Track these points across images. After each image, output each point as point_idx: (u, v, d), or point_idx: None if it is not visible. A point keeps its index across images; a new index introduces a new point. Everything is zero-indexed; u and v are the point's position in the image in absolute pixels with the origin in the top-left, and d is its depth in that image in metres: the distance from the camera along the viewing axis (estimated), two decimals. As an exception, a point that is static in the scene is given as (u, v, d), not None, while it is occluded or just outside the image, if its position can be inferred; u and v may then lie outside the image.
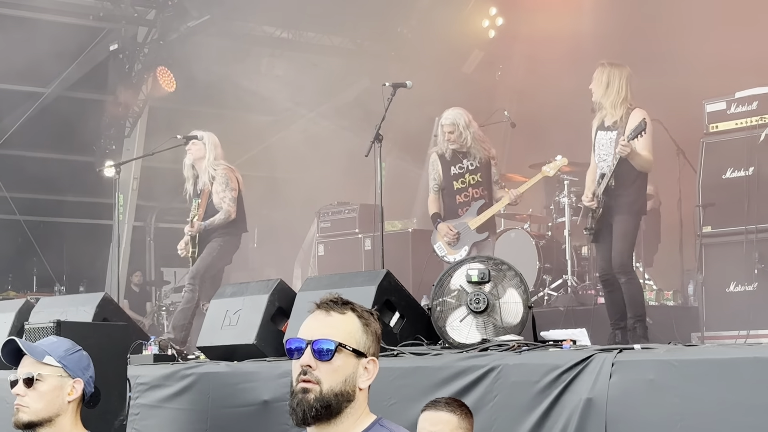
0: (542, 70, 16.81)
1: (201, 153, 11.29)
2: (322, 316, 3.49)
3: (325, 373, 3.41)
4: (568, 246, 12.40)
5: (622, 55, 15.21)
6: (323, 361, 3.42)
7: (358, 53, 19.43)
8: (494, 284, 7.06)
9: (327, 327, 3.46)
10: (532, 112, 15.45)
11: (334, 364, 3.43)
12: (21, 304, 9.77)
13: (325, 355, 3.42)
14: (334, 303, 3.51)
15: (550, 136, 13.38)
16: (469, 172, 10.56)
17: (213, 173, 11.22)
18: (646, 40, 15.05)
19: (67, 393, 4.74)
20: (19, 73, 17.55)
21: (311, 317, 3.51)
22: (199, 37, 18.02)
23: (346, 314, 3.50)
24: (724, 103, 10.64)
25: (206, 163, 11.25)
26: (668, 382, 5.53)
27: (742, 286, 10.22)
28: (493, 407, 6.20)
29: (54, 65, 17.98)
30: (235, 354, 8.10)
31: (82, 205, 19.23)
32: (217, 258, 11.23)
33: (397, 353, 7.12)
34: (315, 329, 3.46)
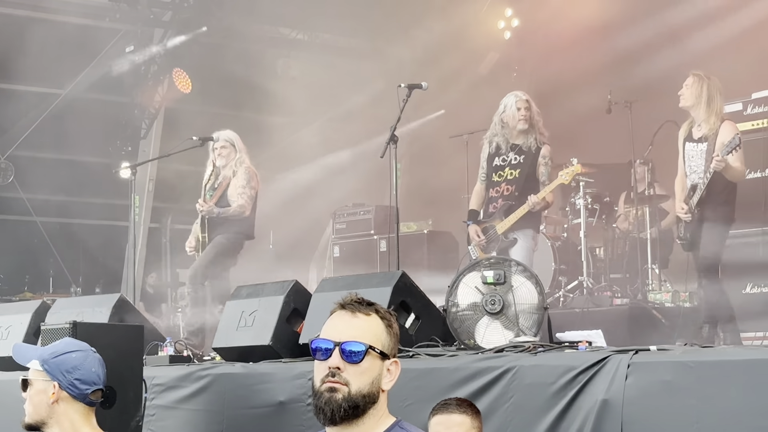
0: (557, 71, 16.79)
1: (231, 153, 11.31)
2: (347, 317, 3.46)
3: (353, 375, 3.39)
4: (584, 247, 12.38)
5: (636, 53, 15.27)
6: (352, 363, 3.39)
7: (373, 55, 19.42)
8: (510, 286, 7.05)
9: (355, 328, 3.44)
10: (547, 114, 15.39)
11: (363, 366, 3.41)
12: (37, 305, 9.79)
13: (355, 357, 3.40)
14: (359, 304, 3.48)
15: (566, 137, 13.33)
16: (510, 166, 10.45)
17: (236, 169, 11.25)
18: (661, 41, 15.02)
19: (50, 396, 4.75)
20: (35, 75, 17.59)
21: (336, 317, 3.48)
22: (215, 39, 18.04)
23: (371, 315, 3.48)
24: (741, 104, 10.63)
25: (233, 162, 11.28)
26: (685, 384, 5.52)
27: (759, 288, 10.20)
28: (509, 409, 6.19)
29: (70, 66, 18.02)
30: (250, 355, 8.10)
31: (98, 207, 19.25)
32: (221, 255, 11.16)
33: (412, 354, 7.12)
34: (343, 330, 3.43)
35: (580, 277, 12.30)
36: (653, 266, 12.19)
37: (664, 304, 11.44)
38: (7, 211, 18.85)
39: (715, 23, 14.51)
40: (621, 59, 15.47)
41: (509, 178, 10.40)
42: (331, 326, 3.46)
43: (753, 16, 14.34)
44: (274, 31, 18.88)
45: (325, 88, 19.09)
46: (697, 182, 9.34)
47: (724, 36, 14.41)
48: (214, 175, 11.45)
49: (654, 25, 15.41)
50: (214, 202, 11.16)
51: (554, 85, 16.77)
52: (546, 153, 10.37)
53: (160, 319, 17.49)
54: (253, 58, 18.57)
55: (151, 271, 19.59)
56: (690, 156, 9.46)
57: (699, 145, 9.37)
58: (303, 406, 7.26)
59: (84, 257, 19.49)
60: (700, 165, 9.34)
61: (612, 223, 13.12)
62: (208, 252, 11.14)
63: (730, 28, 14.47)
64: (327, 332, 3.44)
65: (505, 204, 10.39)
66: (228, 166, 11.33)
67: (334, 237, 15.93)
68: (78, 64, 18.13)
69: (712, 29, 14.49)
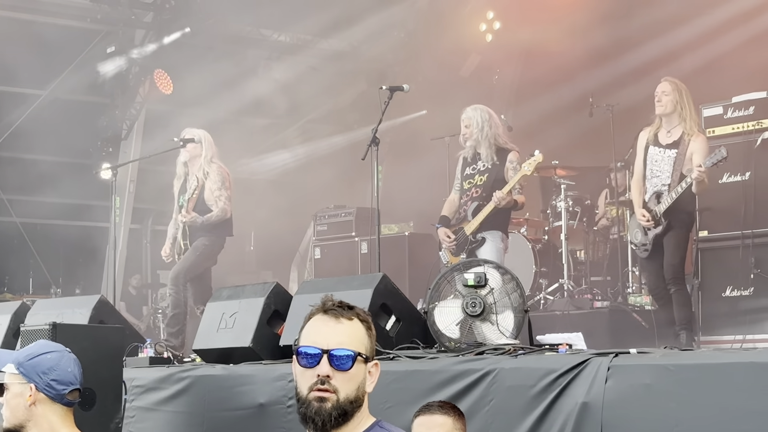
0: (539, 74, 16.83)
1: (197, 151, 11.31)
2: (332, 322, 3.44)
3: (341, 382, 3.38)
4: (565, 250, 12.41)
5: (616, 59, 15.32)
6: (341, 371, 3.38)
7: (355, 57, 19.42)
8: (491, 288, 7.06)
9: (341, 335, 3.42)
10: (528, 116, 15.47)
11: (351, 372, 3.40)
12: (17, 306, 9.77)
13: (344, 365, 3.39)
14: (342, 308, 3.46)
15: (546, 139, 13.38)
16: (479, 173, 10.44)
17: (207, 170, 11.22)
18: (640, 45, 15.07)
19: (27, 398, 4.74)
20: (16, 75, 17.54)
21: (320, 322, 3.45)
22: (197, 40, 18.02)
23: (353, 320, 3.46)
24: (721, 107, 10.64)
25: (201, 160, 11.25)
26: (664, 387, 5.54)
27: (738, 291, 10.22)
28: (489, 411, 6.20)
29: (51, 68, 17.97)
30: (231, 357, 8.10)
31: (78, 208, 19.18)
32: (201, 258, 11.19)
33: (393, 357, 7.13)
34: (330, 337, 3.41)
35: (561, 280, 12.33)
36: (633, 269, 12.22)
37: (644, 307, 11.47)
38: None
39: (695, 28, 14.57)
40: (602, 63, 15.52)
41: (478, 184, 10.41)
42: (315, 331, 3.43)
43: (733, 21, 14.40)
44: (256, 32, 18.85)
45: (306, 90, 19.09)
46: (662, 189, 9.37)
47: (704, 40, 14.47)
48: (182, 176, 11.43)
49: (634, 28, 15.47)
50: (192, 207, 11.13)
51: (535, 87, 16.83)
52: (513, 158, 10.35)
53: (141, 321, 17.47)
54: (235, 60, 18.55)
55: (132, 272, 19.55)
56: (654, 160, 9.48)
57: (667, 151, 9.40)
58: (283, 408, 7.26)
59: (64, 258, 19.44)
60: (665, 171, 9.36)
61: (593, 226, 13.16)
62: (189, 255, 11.14)
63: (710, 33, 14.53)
64: (312, 338, 3.42)
65: (473, 204, 10.38)
66: (195, 165, 11.29)
67: (315, 239, 15.93)
68: (58, 65, 18.08)
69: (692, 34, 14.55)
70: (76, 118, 18.71)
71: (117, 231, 17.28)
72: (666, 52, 14.47)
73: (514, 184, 10.16)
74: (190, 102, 18.14)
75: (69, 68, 18.32)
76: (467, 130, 10.46)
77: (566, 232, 12.52)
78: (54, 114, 18.27)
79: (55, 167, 18.64)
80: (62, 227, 19.39)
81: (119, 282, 16.76)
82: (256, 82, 18.90)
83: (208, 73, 17.85)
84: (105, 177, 16.81)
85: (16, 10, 17.45)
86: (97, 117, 19.33)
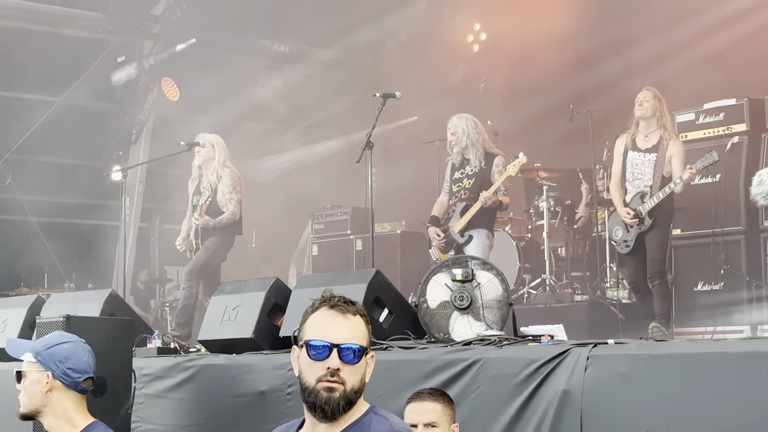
0: (522, 82, 16.84)
1: (211, 155, 11.32)
2: (340, 318, 3.45)
3: (349, 374, 3.40)
4: (547, 247, 12.42)
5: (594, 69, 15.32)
6: (349, 364, 3.41)
7: (350, 66, 19.42)
8: (477, 283, 7.06)
9: (349, 330, 3.44)
10: (513, 122, 15.47)
11: (357, 365, 3.43)
12: (33, 299, 9.74)
13: (352, 358, 3.41)
14: (347, 304, 3.48)
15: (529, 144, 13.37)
16: (467, 177, 10.43)
17: (220, 173, 11.24)
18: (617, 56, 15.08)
19: (44, 385, 4.75)
20: (32, 83, 17.52)
21: (327, 317, 3.45)
22: (202, 50, 18.02)
23: (357, 316, 3.48)
24: (693, 114, 10.68)
25: (215, 164, 11.27)
26: (640, 375, 5.54)
27: (709, 286, 10.25)
28: (476, 398, 6.20)
29: (65, 75, 17.96)
30: (234, 347, 8.09)
31: (91, 207, 19.17)
32: (213, 255, 11.23)
33: (385, 347, 7.12)
34: (338, 332, 3.42)
35: (543, 275, 12.34)
36: (611, 265, 12.24)
37: (621, 300, 11.49)
38: (5, 211, 18.76)
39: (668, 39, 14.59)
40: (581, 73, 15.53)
41: (466, 187, 10.39)
42: (322, 326, 3.44)
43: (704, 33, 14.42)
44: (257, 43, 18.86)
45: (304, 97, 19.10)
46: (645, 190, 9.39)
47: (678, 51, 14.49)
48: (197, 178, 11.45)
49: (611, 40, 15.48)
50: (204, 211, 11.16)
51: (519, 95, 16.83)
52: (499, 162, 10.33)
53: (149, 314, 17.45)
54: (237, 69, 18.55)
55: (141, 268, 19.54)
56: (635, 164, 9.51)
57: (647, 155, 9.43)
58: (283, 396, 7.26)
59: (77, 254, 19.41)
60: (647, 173, 9.39)
61: (573, 225, 13.17)
62: (201, 254, 11.19)
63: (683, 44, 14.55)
64: (321, 332, 3.43)
65: (461, 204, 10.36)
66: (210, 168, 11.31)
67: (312, 236, 15.92)
68: (72, 73, 18.07)
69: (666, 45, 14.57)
70: (88, 123, 18.71)
71: (126, 229, 17.25)
72: (641, 62, 14.49)
73: (499, 185, 10.16)
74: (195, 108, 18.13)
75: (82, 76, 18.32)
76: (453, 137, 10.45)
77: (548, 230, 12.53)
78: (68, 119, 18.26)
79: (69, 169, 18.64)
80: (75, 225, 19.39)
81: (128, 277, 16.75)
82: (257, 90, 18.91)
83: (213, 81, 17.83)
84: (115, 178, 16.80)
85: (32, 21, 17.45)
86: (108, 122, 19.33)
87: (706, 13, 14.32)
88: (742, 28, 14.19)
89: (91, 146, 18.97)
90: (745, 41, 14.06)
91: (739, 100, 10.59)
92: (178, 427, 8.03)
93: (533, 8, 16.65)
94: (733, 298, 10.01)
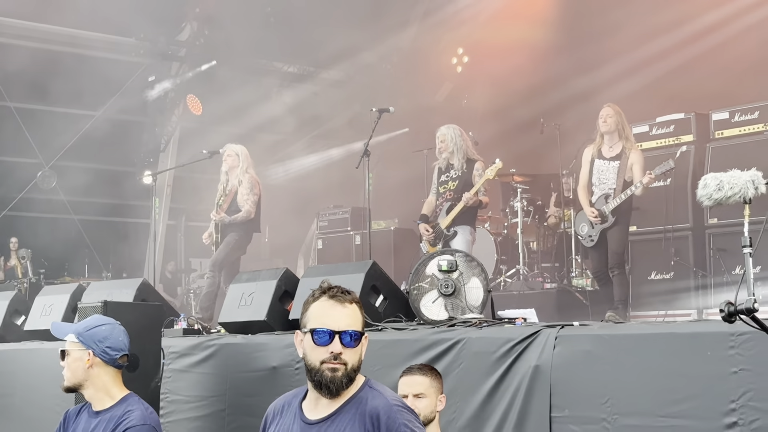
0: (500, 98, 16.84)
1: (235, 163, 11.35)
2: (339, 306, 3.44)
3: (349, 356, 3.41)
4: (521, 242, 12.40)
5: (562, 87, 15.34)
6: (350, 347, 3.41)
7: (350, 84, 19.42)
8: (460, 272, 7.06)
9: (348, 317, 3.44)
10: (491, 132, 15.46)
11: (357, 347, 3.44)
12: (75, 287, 9.75)
13: (353, 343, 3.42)
14: (344, 294, 3.48)
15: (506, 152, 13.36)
16: (451, 180, 10.40)
17: (242, 178, 11.26)
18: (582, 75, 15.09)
19: (86, 362, 4.76)
20: (74, 99, 17.51)
21: (328, 306, 3.45)
22: (222, 70, 18.02)
23: (353, 304, 3.47)
24: (647, 126, 10.68)
25: (238, 170, 11.29)
26: (601, 353, 5.55)
27: (661, 275, 10.25)
28: (459, 373, 6.20)
29: (103, 93, 17.97)
30: (249, 328, 8.09)
31: (125, 207, 19.17)
32: (233, 249, 11.21)
33: (381, 328, 7.12)
34: (339, 320, 3.42)
35: (517, 266, 12.33)
36: (576, 257, 12.23)
37: (584, 288, 11.48)
38: (51, 210, 18.75)
39: (626, 61, 14.61)
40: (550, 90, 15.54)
41: (451, 188, 10.36)
42: (324, 314, 3.44)
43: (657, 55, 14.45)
44: (270, 65, 18.86)
45: (311, 111, 19.10)
46: (609, 192, 9.38)
47: (634, 71, 14.51)
48: (223, 183, 11.47)
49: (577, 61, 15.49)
50: (225, 209, 11.18)
51: (497, 109, 16.82)
52: (479, 167, 10.30)
53: (176, 299, 17.44)
54: (253, 87, 18.55)
55: (169, 260, 19.52)
56: (600, 171, 9.49)
57: (611, 163, 9.41)
58: (291, 371, 7.26)
59: (113, 248, 19.40)
60: (611, 178, 9.37)
61: (543, 222, 13.17)
62: (223, 248, 11.20)
63: (639, 65, 14.57)
64: (324, 321, 3.42)
65: (447, 204, 10.34)
66: (234, 174, 11.34)
67: (317, 232, 15.91)
68: (109, 90, 18.08)
69: (624, 65, 14.59)
70: (123, 134, 18.73)
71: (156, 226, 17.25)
72: (603, 80, 14.49)
73: (479, 187, 10.15)
74: (216, 121, 18.14)
75: (117, 93, 18.32)
76: (442, 144, 10.42)
77: (522, 227, 12.51)
78: (105, 131, 18.27)
79: (106, 174, 18.64)
80: (112, 223, 19.38)
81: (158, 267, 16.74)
82: (269, 105, 18.91)
83: (231, 98, 17.85)
84: (147, 182, 16.81)
85: (74, 46, 17.47)
86: (140, 133, 19.33)
87: (660, 38, 14.36)
88: (690, 52, 14.24)
89: (125, 154, 18.98)
90: (692, 63, 14.10)
91: (687, 114, 10.60)
92: (201, 397, 8.03)
93: (509, 35, 16.68)
94: (682, 286, 10.02)
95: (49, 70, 16.98)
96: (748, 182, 3.81)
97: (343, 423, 3.39)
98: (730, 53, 13.69)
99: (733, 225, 9.41)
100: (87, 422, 4.73)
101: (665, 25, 14.36)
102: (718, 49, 13.84)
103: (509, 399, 5.88)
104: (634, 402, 5.33)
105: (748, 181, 3.81)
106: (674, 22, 14.29)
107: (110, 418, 4.66)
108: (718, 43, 13.89)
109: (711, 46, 13.93)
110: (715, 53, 13.84)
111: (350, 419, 3.39)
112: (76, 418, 4.81)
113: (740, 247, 3.75)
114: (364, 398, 3.43)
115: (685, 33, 14.18)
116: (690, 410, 5.07)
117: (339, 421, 3.40)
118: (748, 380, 4.89)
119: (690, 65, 14.10)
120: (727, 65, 13.64)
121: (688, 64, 14.12)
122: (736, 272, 9.39)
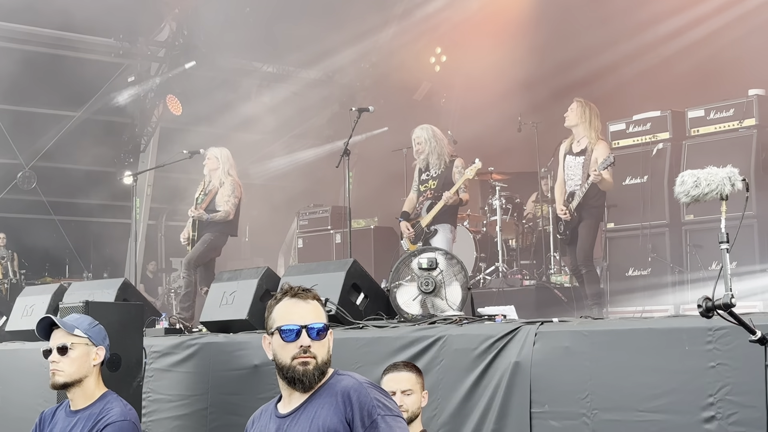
0: (477, 97, 16.87)
1: (215, 165, 11.29)
2: (302, 303, 3.52)
3: (318, 349, 3.46)
4: (500, 239, 12.42)
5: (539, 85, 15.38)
6: (317, 340, 3.46)
7: (330, 84, 19.42)
8: (441, 270, 7.07)
9: (311, 313, 3.50)
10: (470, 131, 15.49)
11: (324, 340, 3.49)
12: (56, 287, 9.71)
13: (320, 335, 3.47)
14: (305, 291, 3.54)
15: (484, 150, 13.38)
16: (432, 179, 10.40)
17: (223, 180, 11.20)
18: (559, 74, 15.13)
19: (93, 358, 4.74)
20: (54, 100, 17.45)
21: (291, 304, 3.52)
22: (201, 71, 17.97)
23: (314, 300, 3.55)
24: (624, 124, 10.69)
25: (219, 172, 11.24)
26: (580, 349, 5.56)
27: (639, 271, 10.27)
28: (440, 369, 6.21)
29: (82, 93, 17.91)
30: (231, 327, 8.07)
31: (105, 207, 19.11)
32: (208, 249, 11.11)
33: (362, 326, 7.12)
34: (304, 315, 3.49)
35: (497, 263, 12.34)
36: (554, 254, 12.26)
37: (563, 284, 11.50)
38: (32, 211, 18.69)
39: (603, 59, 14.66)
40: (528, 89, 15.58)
41: (432, 187, 10.36)
42: (289, 312, 3.51)
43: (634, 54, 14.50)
44: (249, 65, 18.83)
45: (290, 111, 19.07)
46: (575, 189, 9.41)
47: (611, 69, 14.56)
48: (204, 184, 11.43)
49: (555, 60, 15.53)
50: (203, 207, 11.12)
51: (475, 108, 16.85)
52: (459, 164, 10.30)
53: (157, 299, 17.40)
54: (232, 86, 18.52)
55: (150, 260, 19.47)
56: (569, 167, 9.51)
57: (577, 158, 9.43)
58: (273, 369, 7.22)
59: (94, 248, 19.35)
60: (577, 174, 9.39)
61: (522, 220, 13.19)
62: (198, 246, 11.10)
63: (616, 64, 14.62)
64: (290, 318, 3.49)
65: (427, 202, 10.34)
66: (216, 176, 11.28)
67: (298, 231, 15.88)
68: (89, 91, 18.02)
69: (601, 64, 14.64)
70: (103, 134, 18.67)
71: (137, 226, 17.22)
72: (580, 79, 14.54)
73: (459, 186, 10.15)
74: (196, 121, 18.11)
75: (97, 94, 18.26)
76: (419, 146, 10.43)
77: (500, 224, 12.52)
78: (85, 131, 18.22)
79: (86, 174, 18.57)
80: (92, 223, 19.31)
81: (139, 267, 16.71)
82: (249, 105, 18.88)
83: (210, 98, 17.81)
84: (127, 182, 16.77)
85: (56, 47, 17.42)
86: (120, 133, 19.27)
87: (634, 38, 14.42)
88: (665, 51, 14.30)
89: (105, 154, 18.91)
90: (667, 62, 14.16)
91: (663, 112, 10.62)
92: (183, 396, 8.00)
93: (487, 35, 16.71)
94: (659, 282, 10.04)
95: (28, 71, 16.91)
96: (725, 179, 3.83)
97: (315, 407, 3.43)
98: (705, 51, 13.76)
99: (710, 221, 9.43)
100: (64, 421, 4.70)
101: (641, 24, 14.43)
102: (693, 48, 13.91)
103: (490, 395, 5.88)
104: (613, 397, 5.34)
105: (724, 178, 3.83)
106: (650, 21, 14.36)
107: (89, 416, 4.63)
108: (693, 41, 13.97)
109: (686, 45, 14.00)
110: (690, 51, 13.91)
111: (321, 403, 3.43)
112: (53, 419, 4.78)
113: (717, 243, 3.77)
114: (334, 384, 3.47)
115: (660, 31, 14.25)
116: (668, 405, 5.09)
117: (311, 406, 3.45)
118: (725, 374, 4.91)
119: (666, 63, 14.16)
120: (702, 63, 13.71)
121: (665, 62, 14.18)
122: (713, 268, 9.41)
